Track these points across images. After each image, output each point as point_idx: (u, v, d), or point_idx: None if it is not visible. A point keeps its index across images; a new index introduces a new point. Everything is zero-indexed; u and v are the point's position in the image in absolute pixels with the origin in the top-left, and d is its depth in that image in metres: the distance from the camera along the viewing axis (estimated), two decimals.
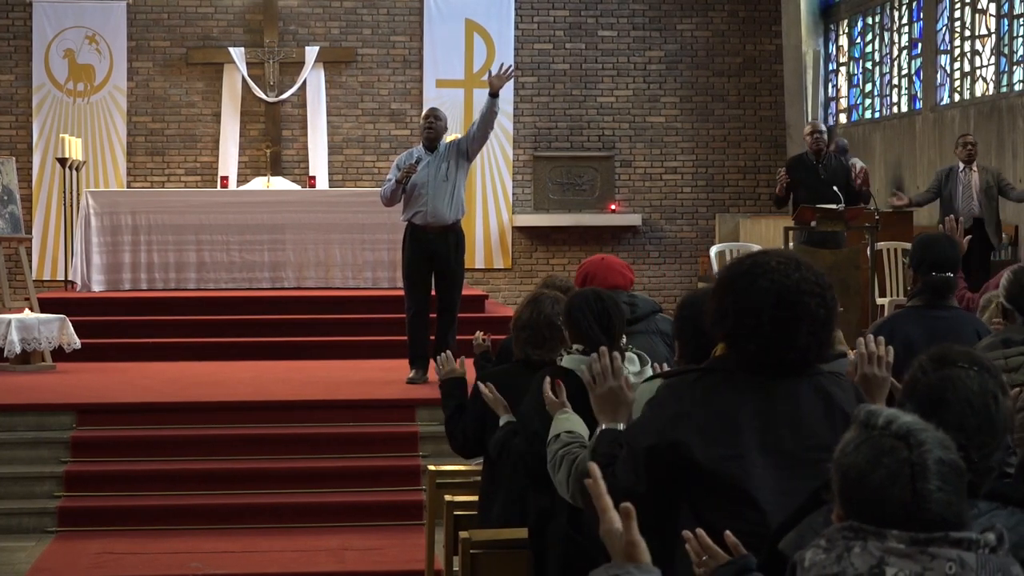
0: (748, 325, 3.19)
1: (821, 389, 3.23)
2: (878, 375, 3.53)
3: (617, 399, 3.64)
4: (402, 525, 8.46)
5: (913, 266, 5.60)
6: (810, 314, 3.18)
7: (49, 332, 11.03)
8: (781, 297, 3.18)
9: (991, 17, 13.11)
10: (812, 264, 3.29)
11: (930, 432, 2.35)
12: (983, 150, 12.00)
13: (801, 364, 3.22)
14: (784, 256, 3.27)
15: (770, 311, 3.17)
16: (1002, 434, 2.76)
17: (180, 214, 13.46)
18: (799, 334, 3.17)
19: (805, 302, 3.18)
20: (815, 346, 3.21)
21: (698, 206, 16.81)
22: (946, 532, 2.31)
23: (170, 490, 8.71)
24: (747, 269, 3.25)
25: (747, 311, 3.19)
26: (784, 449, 3.14)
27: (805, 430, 3.17)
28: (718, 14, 16.71)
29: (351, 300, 12.82)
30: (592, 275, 5.77)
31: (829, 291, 3.25)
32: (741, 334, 3.21)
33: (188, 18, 16.19)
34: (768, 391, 3.17)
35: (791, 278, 3.19)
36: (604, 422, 3.62)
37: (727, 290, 3.26)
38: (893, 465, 2.32)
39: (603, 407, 3.65)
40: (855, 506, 2.36)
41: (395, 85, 16.39)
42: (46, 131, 15.77)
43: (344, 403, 9.60)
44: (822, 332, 3.21)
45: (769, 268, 3.21)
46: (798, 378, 3.22)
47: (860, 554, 2.32)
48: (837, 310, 3.29)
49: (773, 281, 3.19)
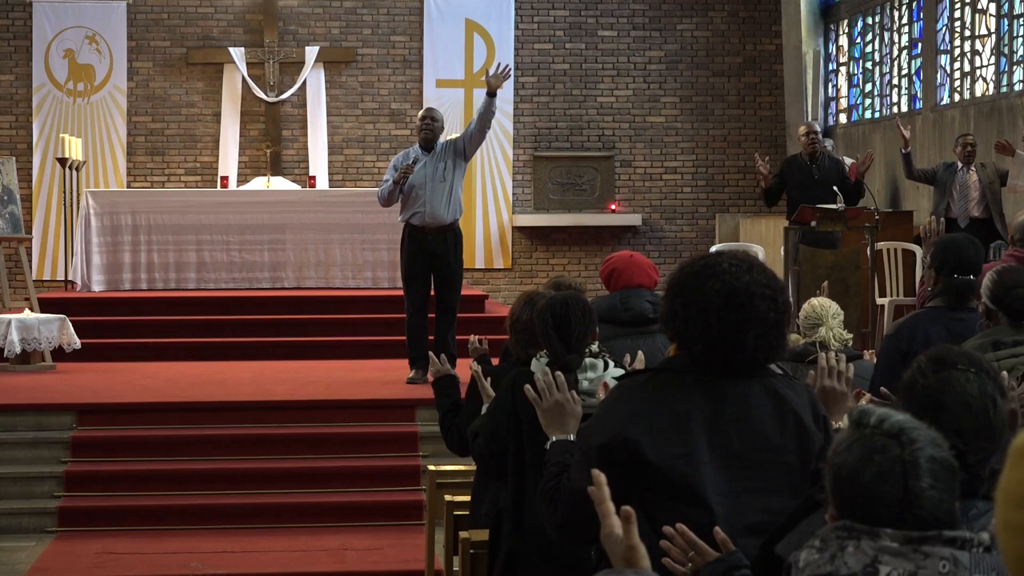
0: (697, 326, 3.19)
1: (773, 391, 3.23)
2: (837, 389, 3.57)
3: (564, 412, 3.70)
4: (402, 525, 8.46)
5: (935, 267, 5.62)
6: (759, 317, 3.18)
7: (49, 332, 11.03)
8: (730, 299, 3.17)
9: (991, 17, 13.11)
10: (765, 267, 3.29)
11: (922, 430, 2.36)
12: (983, 150, 12.00)
13: (750, 366, 3.22)
14: (737, 258, 3.27)
15: (718, 312, 3.17)
16: (1000, 438, 2.75)
17: (180, 214, 13.46)
18: (747, 336, 3.17)
19: (755, 304, 3.18)
20: (764, 348, 3.21)
21: (698, 206, 16.81)
22: (939, 531, 2.31)
23: (170, 490, 8.72)
24: (698, 270, 3.25)
25: (696, 312, 3.19)
26: (732, 449, 3.15)
27: (754, 431, 3.18)
28: (718, 14, 16.71)
29: (351, 300, 12.83)
30: (619, 271, 5.77)
31: (781, 294, 3.25)
32: (690, 335, 3.21)
33: (188, 18, 16.19)
34: (718, 391, 3.17)
35: (741, 280, 3.19)
36: (553, 434, 3.67)
37: (677, 291, 3.27)
38: (885, 463, 2.33)
39: (551, 420, 3.70)
40: (848, 505, 2.37)
41: (395, 85, 16.39)
42: (46, 131, 15.77)
43: (344, 403, 9.61)
44: (772, 335, 3.21)
45: (720, 270, 3.22)
46: (749, 379, 3.22)
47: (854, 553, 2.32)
48: (790, 313, 3.30)
49: (724, 283, 3.19)
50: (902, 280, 12.30)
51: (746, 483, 3.09)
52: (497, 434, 4.64)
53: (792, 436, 3.21)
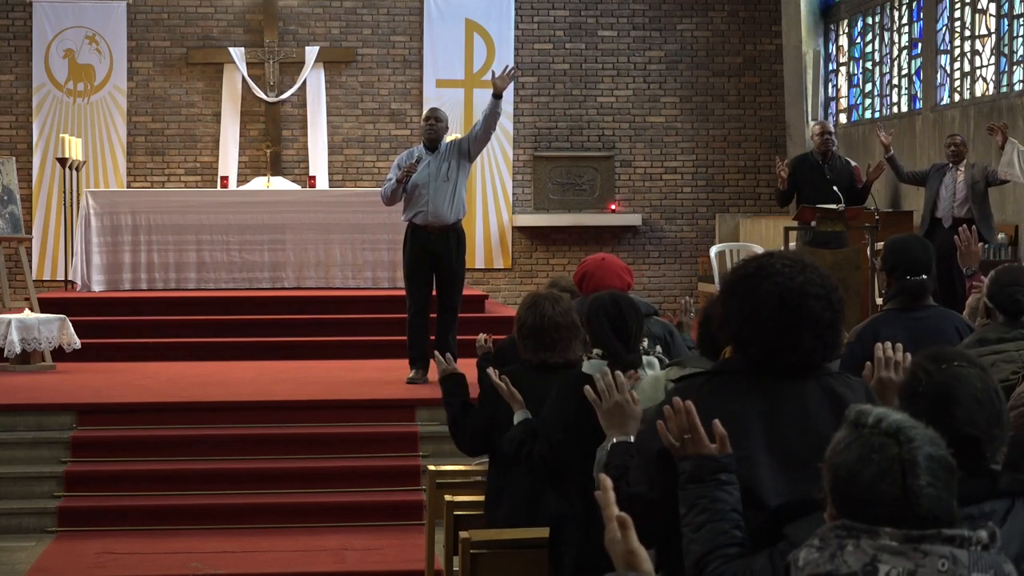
0: (752, 328, 3.18)
1: (829, 390, 3.21)
2: (895, 379, 3.56)
3: (624, 413, 3.67)
4: (402, 525, 8.46)
5: (886, 270, 5.64)
6: (814, 317, 3.16)
7: (49, 332, 11.03)
8: (784, 300, 3.16)
9: (991, 17, 13.11)
10: (818, 266, 3.27)
11: (920, 429, 2.37)
12: (983, 150, 12.00)
13: (807, 366, 3.20)
14: (790, 258, 3.25)
15: (774, 314, 3.16)
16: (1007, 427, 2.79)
17: (180, 214, 13.46)
18: (803, 337, 3.16)
19: (809, 305, 3.16)
20: (820, 348, 3.20)
21: (698, 206, 16.81)
22: (938, 529, 2.31)
23: (170, 490, 8.72)
24: (752, 272, 3.24)
25: (751, 314, 3.18)
26: (790, 450, 3.13)
27: (812, 431, 3.15)
28: (718, 14, 16.71)
29: (351, 300, 12.82)
30: (591, 275, 5.74)
31: (835, 293, 3.23)
32: (745, 337, 3.20)
33: (188, 18, 16.19)
34: (775, 393, 3.15)
35: (795, 280, 3.18)
36: (614, 436, 3.66)
37: (732, 293, 3.26)
38: (883, 462, 2.33)
39: (611, 421, 3.68)
40: (847, 504, 2.37)
41: (395, 85, 16.39)
42: (46, 131, 15.77)
43: (344, 403, 9.60)
44: (827, 334, 3.19)
45: (773, 271, 3.20)
46: (805, 380, 3.20)
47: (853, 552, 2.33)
48: (843, 312, 3.28)
49: (777, 284, 3.18)
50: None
51: (805, 484, 3.07)
52: (564, 440, 4.59)
53: None
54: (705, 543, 2.92)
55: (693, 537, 2.95)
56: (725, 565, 2.88)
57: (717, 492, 2.95)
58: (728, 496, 2.96)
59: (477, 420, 5.36)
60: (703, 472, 2.97)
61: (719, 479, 2.96)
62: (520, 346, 5.21)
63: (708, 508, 2.94)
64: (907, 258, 5.56)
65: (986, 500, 2.71)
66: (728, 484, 2.96)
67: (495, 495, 5.28)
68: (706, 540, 2.92)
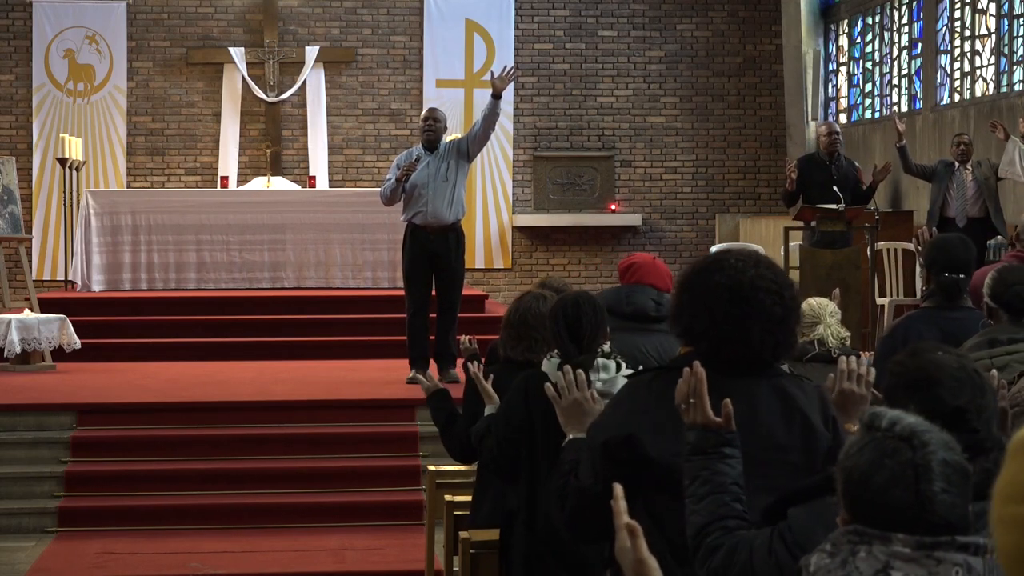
0: (702, 322, 3.18)
1: (780, 389, 3.21)
2: (856, 392, 3.54)
3: (582, 410, 3.70)
4: (402, 525, 8.46)
5: (926, 266, 5.65)
6: (764, 312, 3.16)
7: (49, 332, 11.03)
8: (734, 293, 3.16)
9: (991, 17, 13.11)
10: (774, 263, 3.28)
11: (934, 433, 2.34)
12: (983, 150, 12.00)
13: (756, 363, 3.20)
14: (744, 254, 3.26)
15: (723, 307, 3.16)
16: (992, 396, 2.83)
17: (180, 214, 13.46)
18: (752, 331, 3.15)
19: (760, 298, 3.16)
20: (771, 345, 3.19)
21: (698, 206, 16.81)
22: (952, 536, 2.29)
23: (170, 490, 8.72)
24: (705, 266, 3.25)
25: (701, 307, 3.19)
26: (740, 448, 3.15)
27: (761, 430, 3.15)
28: (718, 14, 16.71)
29: (351, 300, 12.82)
30: (637, 267, 5.75)
31: (788, 290, 3.23)
32: (696, 331, 3.21)
33: (188, 18, 16.18)
34: (724, 391, 3.13)
35: (746, 275, 3.18)
36: (571, 433, 3.68)
37: (684, 287, 3.27)
38: (896, 467, 2.31)
39: (569, 419, 3.71)
40: (859, 509, 2.35)
41: (395, 85, 16.39)
42: (46, 131, 15.77)
43: (344, 403, 9.60)
44: (778, 331, 3.19)
45: (725, 265, 3.21)
46: (757, 378, 3.20)
47: (865, 558, 2.30)
48: (798, 310, 3.27)
49: (728, 276, 3.18)
50: (902, 280, 12.30)
51: (754, 481, 3.08)
52: (510, 436, 4.62)
53: (798, 435, 3.18)
54: (706, 514, 2.92)
55: (695, 508, 2.95)
56: (725, 536, 2.88)
57: (720, 464, 2.96)
58: (731, 469, 2.96)
59: (462, 426, 5.39)
60: (707, 444, 2.97)
61: (722, 452, 2.97)
62: (500, 340, 5.26)
63: (710, 480, 2.95)
64: (946, 255, 5.56)
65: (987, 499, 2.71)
66: (731, 457, 2.97)
67: (479, 495, 5.33)
68: (707, 511, 2.93)
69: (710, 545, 2.89)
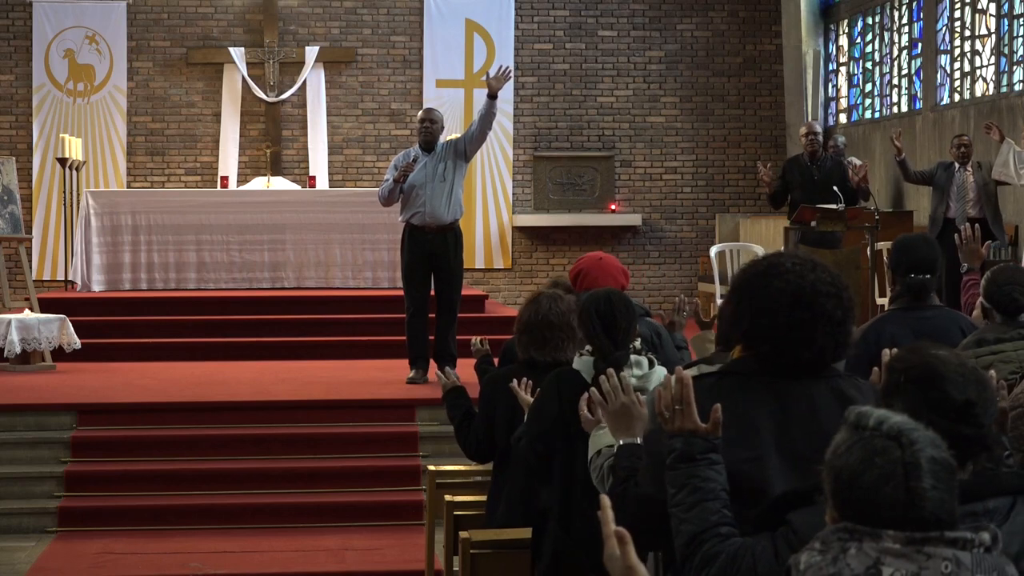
0: (763, 326, 3.17)
1: (838, 391, 3.20)
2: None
3: (630, 414, 3.66)
4: (402, 525, 8.46)
5: (891, 268, 5.64)
6: (826, 315, 3.16)
7: (49, 332, 11.03)
8: (797, 298, 3.16)
9: (991, 17, 13.11)
10: (828, 266, 3.28)
11: (921, 431, 2.37)
12: (983, 150, 12.00)
13: (818, 365, 3.20)
14: (800, 258, 3.26)
15: (786, 312, 3.16)
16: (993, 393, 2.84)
17: (180, 214, 13.46)
18: (815, 335, 3.16)
19: (821, 303, 3.16)
20: (832, 347, 3.19)
21: (698, 206, 16.81)
22: (941, 532, 2.32)
23: (170, 490, 8.72)
24: (762, 271, 3.24)
25: (762, 312, 3.18)
26: (799, 451, 3.11)
27: (821, 433, 3.12)
28: (718, 14, 16.71)
29: (351, 300, 12.82)
30: (586, 274, 5.71)
31: (846, 292, 3.24)
32: (757, 336, 3.20)
33: (188, 18, 16.19)
34: (785, 394, 3.14)
35: (807, 279, 3.18)
36: (621, 438, 3.63)
37: (743, 292, 3.25)
38: (886, 465, 2.33)
39: (617, 424, 3.67)
40: (849, 507, 2.37)
41: (395, 85, 16.39)
42: (46, 131, 15.78)
43: (344, 403, 9.60)
44: (839, 333, 3.19)
45: (784, 269, 3.20)
46: (815, 380, 3.20)
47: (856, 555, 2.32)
48: (854, 310, 3.28)
49: (788, 282, 3.18)
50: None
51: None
52: (544, 436, 4.60)
53: None
54: (698, 522, 2.92)
55: (684, 517, 2.94)
56: (721, 544, 2.88)
57: (707, 471, 2.96)
58: (718, 476, 2.96)
59: (478, 426, 5.38)
60: (694, 450, 2.97)
61: (709, 458, 2.97)
62: (516, 341, 5.23)
63: (699, 488, 2.95)
64: (911, 256, 5.54)
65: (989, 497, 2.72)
66: (717, 464, 2.97)
67: (495, 495, 5.31)
68: (699, 519, 2.92)
69: (707, 553, 2.88)
